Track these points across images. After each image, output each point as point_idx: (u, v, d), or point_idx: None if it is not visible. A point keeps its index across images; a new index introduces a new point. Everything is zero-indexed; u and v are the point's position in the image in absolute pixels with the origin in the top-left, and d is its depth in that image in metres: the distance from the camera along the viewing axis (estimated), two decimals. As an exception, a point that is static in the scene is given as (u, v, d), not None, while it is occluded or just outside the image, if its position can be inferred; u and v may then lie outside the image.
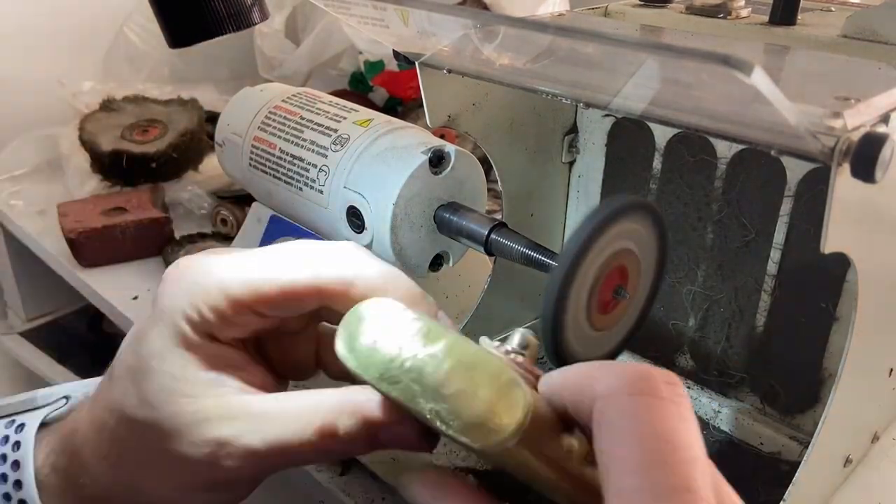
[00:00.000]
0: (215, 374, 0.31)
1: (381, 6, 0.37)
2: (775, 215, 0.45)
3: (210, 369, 0.31)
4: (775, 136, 0.30)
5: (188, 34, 0.37)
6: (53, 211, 0.76)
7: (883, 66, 0.37)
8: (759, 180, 0.45)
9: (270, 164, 0.51)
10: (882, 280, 0.37)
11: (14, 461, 0.33)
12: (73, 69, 0.99)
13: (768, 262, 0.46)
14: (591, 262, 0.33)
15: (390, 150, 0.45)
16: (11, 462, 0.33)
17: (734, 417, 0.49)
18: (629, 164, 0.52)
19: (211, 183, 0.83)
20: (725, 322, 0.49)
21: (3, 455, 0.33)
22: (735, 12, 0.50)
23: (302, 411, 0.30)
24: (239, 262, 0.32)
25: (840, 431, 0.40)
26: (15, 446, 0.33)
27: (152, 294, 0.66)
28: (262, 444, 0.30)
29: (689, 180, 0.49)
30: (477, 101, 0.47)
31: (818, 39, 0.46)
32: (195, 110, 0.87)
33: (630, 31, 0.51)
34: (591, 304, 0.35)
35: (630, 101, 0.36)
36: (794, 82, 0.37)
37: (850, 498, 0.44)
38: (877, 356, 0.41)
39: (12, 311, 0.97)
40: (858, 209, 0.32)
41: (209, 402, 0.30)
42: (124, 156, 0.79)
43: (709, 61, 0.25)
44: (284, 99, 0.52)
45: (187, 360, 0.31)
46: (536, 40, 0.37)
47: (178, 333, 0.31)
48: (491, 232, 0.42)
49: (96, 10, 1.01)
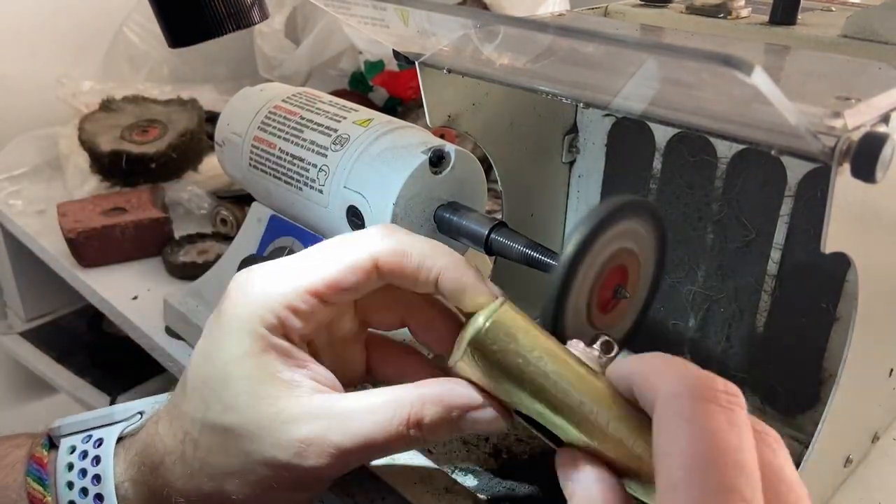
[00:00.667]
0: (291, 375, 0.33)
1: (381, 6, 0.37)
2: (775, 215, 0.45)
3: (286, 369, 0.33)
4: (775, 136, 0.30)
5: (188, 34, 0.37)
6: (53, 211, 0.76)
7: (883, 66, 0.37)
8: (759, 180, 0.45)
9: (270, 163, 0.50)
10: (882, 280, 0.36)
11: (95, 475, 0.34)
12: (72, 69, 0.99)
13: (768, 262, 0.46)
14: (591, 261, 0.33)
15: (390, 150, 0.45)
16: (92, 476, 0.34)
17: (734, 417, 0.48)
18: (629, 164, 0.52)
19: (211, 183, 0.83)
20: (725, 322, 0.49)
21: (83, 470, 0.34)
22: (735, 12, 0.50)
23: (385, 406, 0.32)
24: (297, 262, 0.34)
25: (840, 431, 0.40)
26: (94, 461, 0.34)
27: (152, 293, 0.67)
28: (348, 441, 0.31)
29: (689, 180, 0.49)
30: (477, 100, 0.47)
31: (818, 39, 0.46)
32: (195, 110, 0.87)
33: (630, 31, 0.51)
34: (591, 304, 0.35)
35: (630, 101, 0.36)
36: (794, 82, 0.37)
37: (850, 498, 0.44)
38: (877, 356, 0.41)
39: (12, 311, 0.97)
40: (859, 209, 0.32)
41: (291, 403, 0.32)
42: (124, 156, 0.79)
43: (709, 61, 0.25)
44: (284, 99, 0.52)
45: (264, 362, 0.33)
46: (536, 40, 0.37)
47: (255, 338, 0.33)
48: (491, 232, 0.42)
49: (96, 10, 1.01)
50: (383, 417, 0.32)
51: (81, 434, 0.36)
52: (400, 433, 0.31)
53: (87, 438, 0.35)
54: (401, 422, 0.31)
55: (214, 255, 0.70)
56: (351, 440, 0.31)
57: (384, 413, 0.32)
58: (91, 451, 0.35)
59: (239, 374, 0.32)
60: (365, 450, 0.32)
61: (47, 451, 0.36)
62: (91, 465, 0.34)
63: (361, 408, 0.32)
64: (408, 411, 0.32)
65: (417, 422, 0.32)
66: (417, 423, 0.32)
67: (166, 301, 0.59)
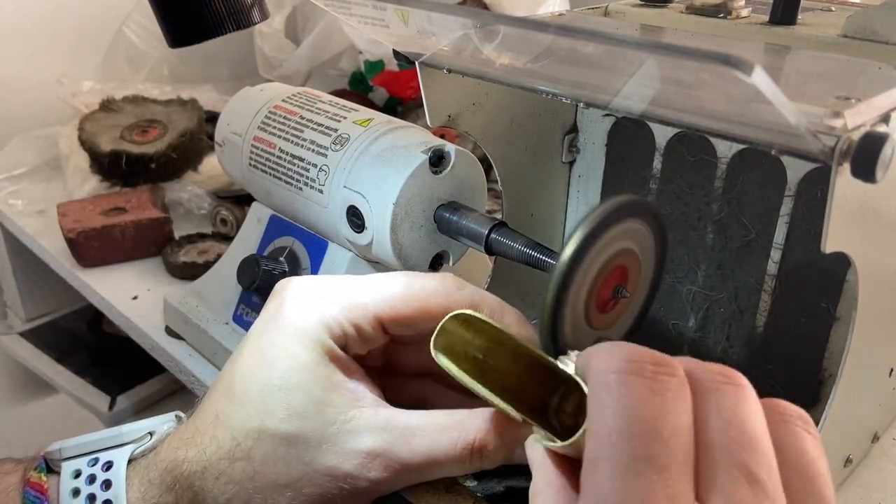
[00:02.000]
0: (356, 386, 0.33)
1: (381, 6, 0.37)
2: (775, 215, 0.45)
3: (351, 382, 0.33)
4: (775, 136, 0.30)
5: (188, 34, 0.37)
6: (53, 211, 0.76)
7: (883, 66, 0.37)
8: (759, 180, 0.45)
9: (270, 163, 0.50)
10: (882, 280, 0.36)
11: (105, 500, 0.32)
12: (72, 69, 0.99)
13: (768, 262, 0.46)
14: (591, 261, 0.33)
15: (390, 150, 0.45)
16: (102, 502, 0.32)
17: (734, 417, 0.48)
18: (629, 164, 0.52)
19: (211, 183, 0.83)
20: (725, 322, 0.49)
21: (91, 495, 0.32)
22: (735, 12, 0.50)
23: (448, 428, 0.32)
24: (363, 283, 0.35)
25: (840, 431, 0.40)
26: (104, 485, 0.33)
27: (152, 293, 0.67)
28: (413, 456, 0.32)
29: (689, 180, 0.49)
30: (477, 100, 0.47)
31: (818, 39, 0.46)
32: (195, 110, 0.87)
33: (630, 30, 0.51)
34: (590, 304, 0.35)
35: (630, 101, 0.36)
36: (794, 82, 0.37)
37: (850, 498, 0.44)
38: (877, 356, 0.41)
39: (12, 311, 0.97)
40: (859, 209, 0.32)
41: (357, 413, 0.32)
42: (123, 156, 0.79)
43: (709, 61, 0.25)
44: (284, 99, 0.52)
45: (331, 372, 0.33)
46: (536, 40, 0.37)
47: (322, 347, 0.33)
48: (491, 231, 0.42)
49: (96, 10, 1.01)
50: (449, 438, 0.32)
51: (87, 457, 0.34)
52: (462, 456, 0.32)
53: (93, 462, 0.33)
54: (465, 445, 0.32)
55: (214, 255, 0.70)
56: (416, 456, 0.32)
57: (450, 434, 0.32)
58: (99, 475, 0.33)
59: (305, 381, 0.32)
60: (426, 467, 0.32)
61: (46, 476, 0.33)
62: (101, 490, 0.32)
63: (428, 426, 0.32)
64: (474, 436, 0.32)
65: (481, 448, 0.32)
66: (481, 449, 0.32)
67: (166, 301, 0.59)
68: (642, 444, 0.23)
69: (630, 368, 0.25)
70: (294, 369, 0.32)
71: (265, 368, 0.33)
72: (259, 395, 0.32)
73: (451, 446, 0.32)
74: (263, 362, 0.33)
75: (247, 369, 0.33)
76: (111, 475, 0.33)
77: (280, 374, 0.32)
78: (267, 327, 0.34)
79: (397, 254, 0.45)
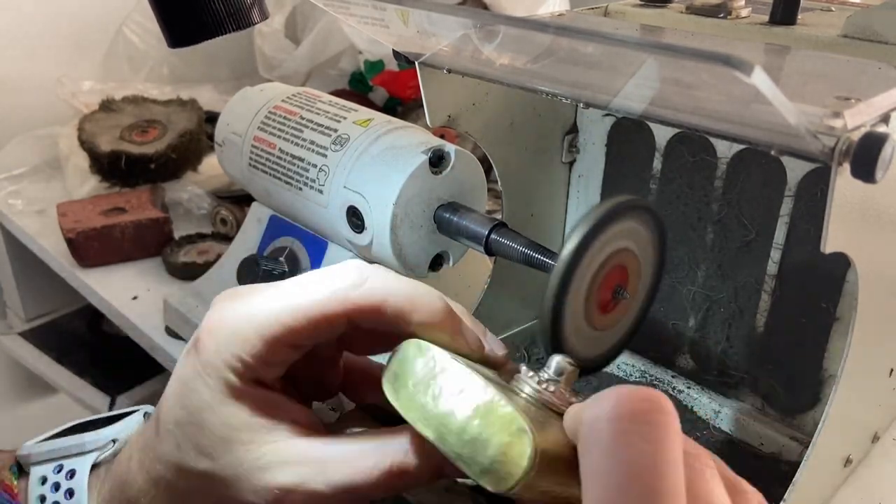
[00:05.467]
0: (266, 420, 0.32)
1: (381, 6, 0.37)
2: (775, 215, 0.45)
3: (261, 415, 0.32)
4: (775, 136, 0.30)
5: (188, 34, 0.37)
6: (53, 211, 0.76)
7: (883, 66, 0.37)
8: (759, 180, 0.45)
9: (270, 163, 0.50)
10: (882, 280, 0.36)
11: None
12: (72, 69, 0.99)
13: (768, 262, 0.46)
14: (590, 261, 0.33)
15: (390, 150, 0.45)
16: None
17: (734, 417, 0.49)
18: (629, 164, 0.52)
19: (210, 183, 0.83)
20: (725, 322, 0.49)
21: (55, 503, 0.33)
22: (735, 12, 0.50)
23: (366, 454, 0.31)
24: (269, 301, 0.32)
25: (840, 431, 0.40)
26: (67, 494, 0.33)
27: (152, 293, 0.67)
28: (328, 488, 0.30)
29: (689, 180, 0.49)
30: (477, 101, 0.47)
31: (818, 39, 0.46)
32: (194, 111, 0.87)
33: (630, 30, 0.51)
34: (590, 304, 0.35)
35: (630, 101, 0.36)
36: (794, 82, 0.37)
37: (850, 498, 0.44)
38: (877, 356, 0.41)
39: (12, 311, 0.97)
40: (859, 209, 0.32)
41: (268, 449, 0.31)
42: (123, 156, 0.79)
43: (709, 61, 0.25)
44: (284, 99, 0.52)
45: (239, 409, 0.31)
46: (536, 40, 0.37)
47: (225, 384, 0.31)
48: (491, 232, 0.42)
49: (96, 10, 1.01)
50: (365, 465, 0.31)
51: (53, 463, 0.35)
52: (381, 482, 0.30)
53: (58, 469, 0.34)
54: (383, 471, 0.30)
55: (214, 255, 0.70)
56: (330, 488, 0.30)
57: (367, 461, 0.31)
58: (63, 483, 0.34)
59: (213, 420, 0.31)
60: (344, 497, 0.31)
61: (16, 478, 0.35)
62: (65, 499, 0.33)
63: (346, 453, 0.31)
64: (390, 460, 0.31)
65: (402, 472, 0.31)
66: (402, 473, 0.31)
67: (166, 301, 0.59)
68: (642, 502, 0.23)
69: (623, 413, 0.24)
70: (200, 409, 0.31)
71: (180, 403, 0.32)
72: (175, 430, 0.32)
73: (367, 473, 0.30)
74: (180, 395, 0.32)
75: (166, 403, 0.33)
76: (74, 484, 0.34)
77: (189, 413, 0.32)
78: (187, 356, 0.33)
79: (397, 254, 0.45)
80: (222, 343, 0.32)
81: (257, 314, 0.32)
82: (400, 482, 0.31)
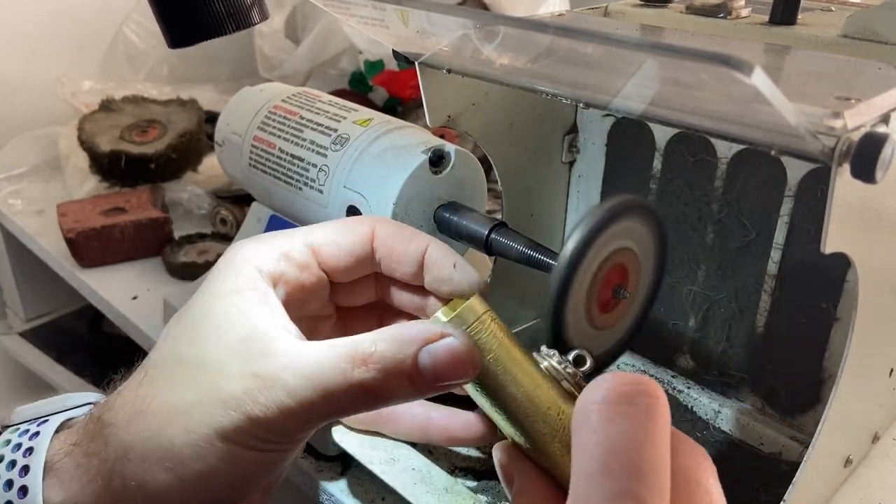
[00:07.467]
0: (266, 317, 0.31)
1: (380, 6, 0.37)
2: (775, 215, 0.45)
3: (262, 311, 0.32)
4: (775, 136, 0.30)
5: (188, 34, 0.37)
6: (52, 211, 0.76)
7: (883, 66, 0.37)
8: (759, 180, 0.45)
9: (270, 163, 0.50)
10: (882, 280, 0.36)
11: (23, 466, 0.31)
12: (72, 69, 0.99)
13: (768, 263, 0.46)
14: (591, 261, 0.33)
15: (390, 150, 0.45)
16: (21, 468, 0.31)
17: (734, 418, 0.49)
18: (629, 164, 0.52)
19: (210, 183, 0.83)
20: (725, 322, 0.49)
21: (12, 461, 0.31)
22: (735, 12, 0.50)
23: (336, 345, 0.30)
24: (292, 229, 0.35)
25: (840, 432, 0.40)
26: (27, 452, 0.32)
27: (152, 293, 0.67)
28: (298, 382, 0.29)
29: (689, 180, 0.49)
30: (477, 101, 0.47)
31: (818, 39, 0.45)
32: (194, 111, 0.87)
33: (630, 31, 0.51)
34: (591, 303, 0.35)
35: (630, 101, 0.36)
36: (794, 82, 0.37)
37: (850, 498, 0.44)
38: (877, 356, 0.41)
39: (12, 311, 0.97)
40: (859, 209, 0.32)
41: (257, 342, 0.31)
42: (123, 157, 0.79)
43: (709, 61, 0.25)
44: (284, 99, 0.52)
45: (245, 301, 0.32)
46: (536, 40, 0.37)
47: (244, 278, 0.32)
48: (491, 232, 0.42)
49: (96, 10, 1.01)
50: (328, 355, 0.29)
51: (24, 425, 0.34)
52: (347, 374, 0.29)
53: (24, 432, 0.33)
54: (347, 359, 0.29)
55: (214, 255, 0.70)
56: (300, 381, 0.29)
57: (331, 351, 0.30)
58: (25, 443, 0.32)
59: (217, 309, 0.31)
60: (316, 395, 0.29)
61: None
62: (22, 457, 0.31)
63: (313, 348, 0.30)
64: (356, 349, 0.29)
65: (364, 358, 0.29)
66: (364, 359, 0.29)
67: (166, 301, 0.59)
68: (622, 480, 0.24)
69: (614, 396, 0.25)
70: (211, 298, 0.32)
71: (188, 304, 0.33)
72: (172, 327, 0.32)
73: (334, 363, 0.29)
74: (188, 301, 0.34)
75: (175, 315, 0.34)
76: (35, 443, 0.32)
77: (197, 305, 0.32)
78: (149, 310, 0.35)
79: (397, 254, 0.45)
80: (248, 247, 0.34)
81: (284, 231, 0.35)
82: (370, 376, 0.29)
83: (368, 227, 0.35)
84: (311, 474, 0.46)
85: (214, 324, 0.31)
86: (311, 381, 0.29)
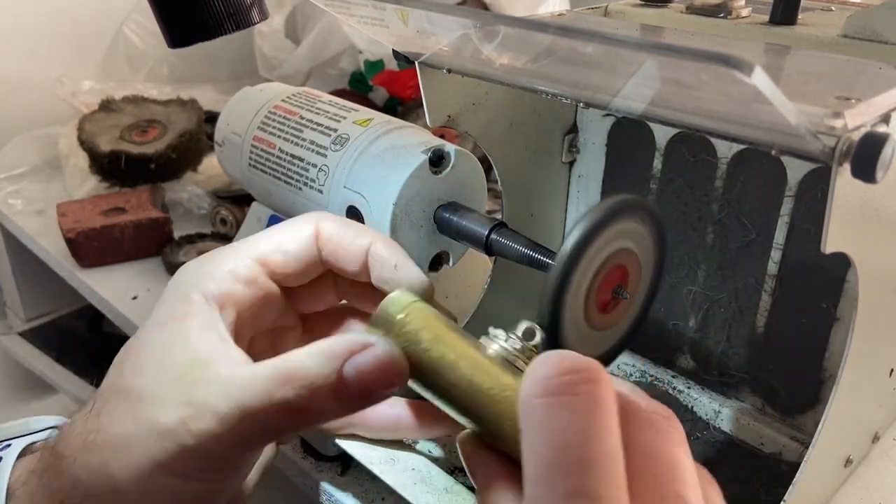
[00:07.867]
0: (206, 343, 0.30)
1: (380, 6, 0.37)
2: (775, 215, 0.45)
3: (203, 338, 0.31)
4: (775, 136, 0.30)
5: (188, 34, 0.37)
6: (52, 211, 0.76)
7: (883, 66, 0.37)
8: (760, 180, 0.45)
9: (270, 163, 0.50)
10: (882, 280, 0.36)
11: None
12: (72, 69, 0.99)
13: (768, 262, 0.46)
14: (589, 261, 0.33)
15: (390, 150, 0.45)
16: None
17: (735, 418, 0.48)
18: (629, 164, 0.52)
19: (210, 183, 0.83)
20: (726, 322, 0.49)
21: None
22: (735, 12, 0.50)
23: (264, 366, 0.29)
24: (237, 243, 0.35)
25: (840, 432, 0.40)
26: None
27: (152, 294, 0.67)
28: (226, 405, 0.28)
29: (689, 180, 0.49)
30: (477, 100, 0.47)
31: (818, 39, 0.45)
32: (194, 111, 0.87)
33: (630, 30, 0.51)
34: (590, 304, 0.35)
35: (630, 101, 0.36)
36: (794, 82, 0.37)
37: (850, 498, 0.44)
38: (877, 356, 0.41)
39: (12, 311, 0.97)
40: (859, 209, 0.32)
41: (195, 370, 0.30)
42: (123, 156, 0.79)
43: (709, 61, 0.25)
44: (284, 98, 0.52)
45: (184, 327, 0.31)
46: (536, 40, 0.37)
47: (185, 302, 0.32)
48: (491, 232, 0.42)
49: (96, 10, 1.01)
50: (259, 375, 0.28)
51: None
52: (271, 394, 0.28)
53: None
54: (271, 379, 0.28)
55: (214, 256, 0.69)
56: (229, 406, 0.28)
57: (261, 373, 0.28)
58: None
59: (158, 338, 0.31)
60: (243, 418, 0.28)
61: None
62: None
63: (246, 371, 0.29)
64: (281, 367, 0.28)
65: (289, 377, 0.28)
66: (289, 378, 0.28)
67: (166, 301, 0.59)
68: (574, 478, 0.23)
69: (556, 387, 0.24)
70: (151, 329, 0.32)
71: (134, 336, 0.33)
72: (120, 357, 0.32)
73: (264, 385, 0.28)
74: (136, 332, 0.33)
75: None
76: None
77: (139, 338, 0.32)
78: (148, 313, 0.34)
79: (397, 254, 0.45)
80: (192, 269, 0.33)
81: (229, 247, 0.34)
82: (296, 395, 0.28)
83: (311, 227, 0.34)
84: (311, 474, 0.46)
85: (156, 353, 0.31)
86: (238, 405, 0.28)
